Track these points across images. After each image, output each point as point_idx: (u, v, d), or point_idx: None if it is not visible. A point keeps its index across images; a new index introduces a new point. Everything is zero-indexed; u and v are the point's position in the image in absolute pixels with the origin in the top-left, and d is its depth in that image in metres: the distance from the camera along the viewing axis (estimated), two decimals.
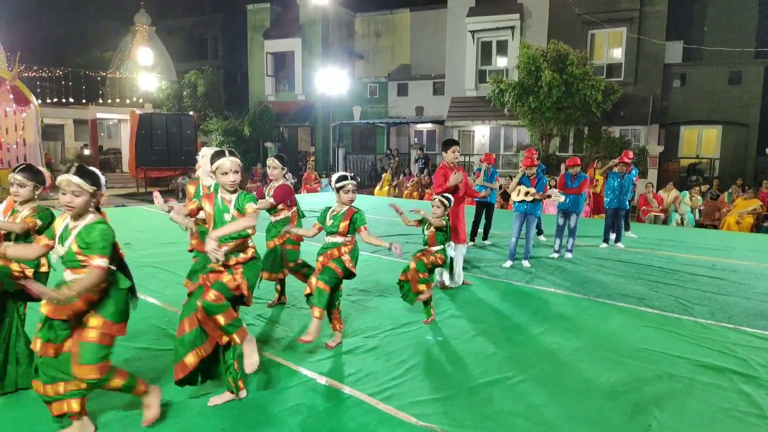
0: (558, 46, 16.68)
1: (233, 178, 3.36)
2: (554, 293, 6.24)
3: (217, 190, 3.48)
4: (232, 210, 3.36)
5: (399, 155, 22.94)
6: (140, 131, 20.65)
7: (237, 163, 3.36)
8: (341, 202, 4.32)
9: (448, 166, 6.13)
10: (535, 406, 3.51)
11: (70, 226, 2.88)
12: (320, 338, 4.68)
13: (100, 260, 2.78)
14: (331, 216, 4.29)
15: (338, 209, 4.30)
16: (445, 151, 6.12)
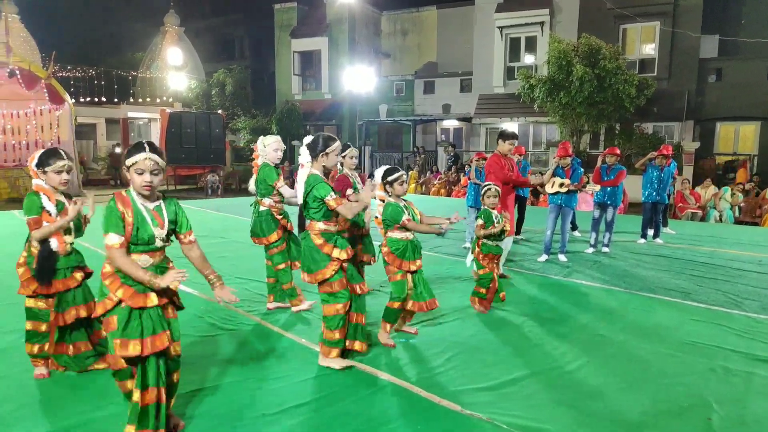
0: (590, 40, 16.34)
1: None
2: (594, 287, 6.06)
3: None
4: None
5: (425, 153, 22.78)
6: (170, 130, 20.89)
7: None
8: (397, 196, 4.13)
9: (502, 156, 6.01)
10: (583, 397, 3.36)
11: (149, 207, 2.70)
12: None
13: (193, 235, 2.87)
14: (410, 211, 4.11)
15: (399, 202, 4.12)
16: (502, 141, 6.01)
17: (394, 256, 4.06)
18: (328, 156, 3.69)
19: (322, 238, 3.64)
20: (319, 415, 3.09)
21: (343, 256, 3.64)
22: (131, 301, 2.61)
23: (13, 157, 17.07)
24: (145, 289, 2.64)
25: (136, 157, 2.62)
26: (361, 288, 3.78)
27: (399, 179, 4.10)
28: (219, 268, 6.26)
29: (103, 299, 2.64)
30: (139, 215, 2.65)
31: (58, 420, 2.98)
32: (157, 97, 25.20)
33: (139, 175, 2.63)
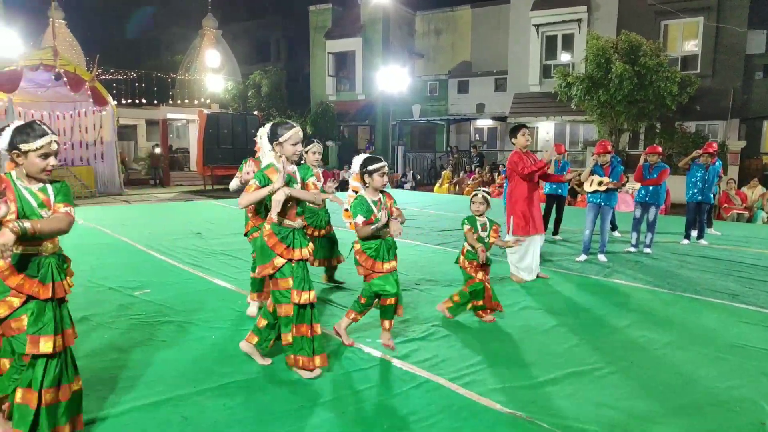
0: (630, 37, 15.93)
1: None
2: (636, 287, 5.88)
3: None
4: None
5: (459, 152, 22.65)
6: (207, 130, 21.32)
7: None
8: (375, 189, 3.80)
9: (522, 151, 5.87)
10: (628, 399, 3.26)
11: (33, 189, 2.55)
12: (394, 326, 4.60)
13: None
14: (379, 208, 3.80)
15: (374, 197, 3.82)
16: (514, 136, 5.85)
17: (365, 256, 3.76)
18: (282, 146, 3.37)
19: (271, 230, 3.37)
20: (357, 409, 3.08)
21: (287, 255, 3.32)
22: (37, 294, 2.47)
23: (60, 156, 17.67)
24: (50, 279, 2.52)
25: (42, 140, 2.48)
26: (299, 295, 3.34)
27: (380, 170, 3.75)
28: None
29: (5, 297, 2.46)
30: (23, 199, 2.50)
31: None
32: (195, 98, 25.76)
33: (44, 158, 2.50)
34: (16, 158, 2.49)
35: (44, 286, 2.49)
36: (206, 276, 6.05)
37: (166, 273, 6.23)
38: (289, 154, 3.38)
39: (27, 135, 2.47)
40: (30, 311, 2.47)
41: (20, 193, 2.49)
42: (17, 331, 2.46)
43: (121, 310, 4.73)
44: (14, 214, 2.43)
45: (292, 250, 3.34)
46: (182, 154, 26.41)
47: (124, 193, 17.74)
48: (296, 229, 3.41)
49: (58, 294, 2.54)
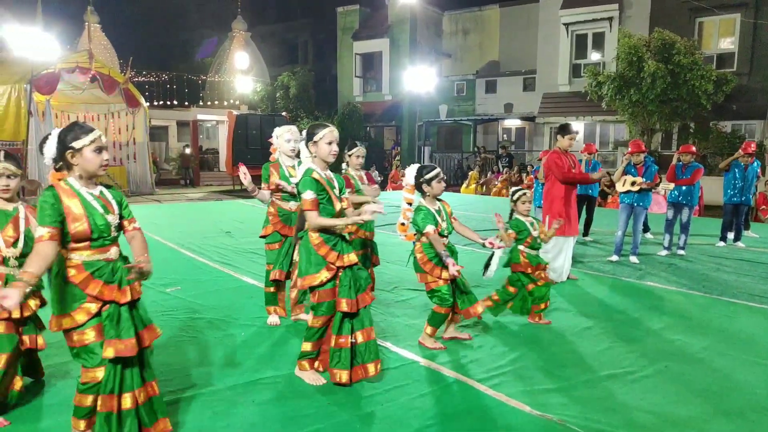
0: (663, 35, 15.57)
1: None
2: (669, 290, 5.74)
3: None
4: None
5: (486, 153, 22.47)
6: (236, 131, 21.59)
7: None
8: (434, 196, 3.87)
9: (562, 152, 5.80)
10: (664, 404, 3.17)
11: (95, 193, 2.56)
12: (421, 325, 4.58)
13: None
14: (442, 218, 3.84)
15: (434, 206, 3.85)
16: (562, 136, 5.77)
17: (432, 264, 3.77)
18: (317, 145, 3.28)
19: (321, 238, 3.24)
20: (384, 409, 3.07)
21: (339, 262, 3.22)
22: (113, 298, 2.45)
23: None
24: (121, 284, 2.49)
25: (93, 135, 2.47)
26: (362, 300, 3.26)
27: (437, 177, 3.83)
28: None
29: (80, 305, 2.42)
30: (88, 206, 2.45)
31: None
32: (224, 100, 26.14)
33: (98, 153, 2.47)
34: (71, 159, 2.44)
35: (122, 291, 2.46)
36: (236, 274, 6.12)
37: (197, 271, 6.33)
38: (325, 154, 3.27)
39: (76, 133, 2.44)
40: (105, 317, 2.44)
41: (85, 200, 2.44)
42: (78, 343, 2.42)
43: (153, 306, 4.80)
44: (85, 220, 2.40)
45: (342, 257, 3.24)
46: (212, 155, 26.81)
47: (155, 192, 18.09)
48: (342, 236, 3.35)
49: (133, 296, 2.52)
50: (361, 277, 3.31)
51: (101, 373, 2.42)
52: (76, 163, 2.45)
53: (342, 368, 3.19)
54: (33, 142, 13.82)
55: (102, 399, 2.43)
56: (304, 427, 2.84)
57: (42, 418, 2.90)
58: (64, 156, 2.45)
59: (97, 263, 2.45)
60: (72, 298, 2.41)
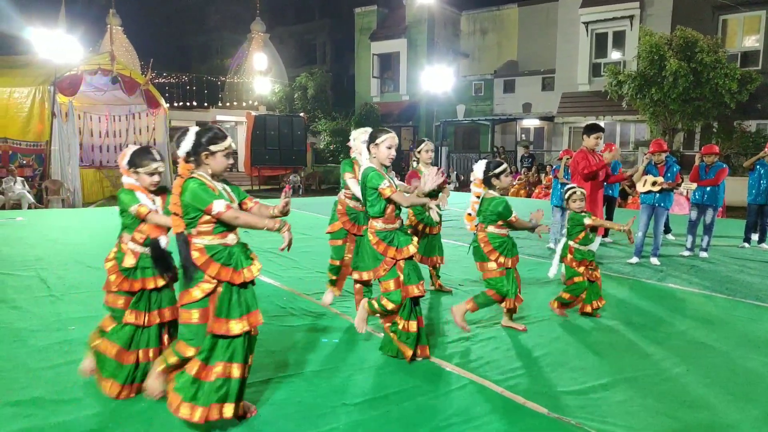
0: (685, 33, 15.31)
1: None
2: (691, 292, 5.63)
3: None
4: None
5: (504, 153, 22.31)
6: (255, 132, 21.78)
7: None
8: (504, 189, 4.12)
9: (589, 151, 5.74)
10: (685, 407, 3.10)
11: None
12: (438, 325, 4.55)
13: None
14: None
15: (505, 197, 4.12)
16: (588, 135, 5.74)
17: (497, 253, 4.01)
18: (378, 147, 3.55)
19: (377, 237, 3.57)
20: (400, 408, 3.05)
21: (399, 255, 3.54)
22: (233, 280, 2.68)
23: (115, 157, 18.39)
24: (240, 266, 2.72)
25: (225, 142, 2.79)
26: (419, 289, 3.57)
27: (506, 171, 4.05)
28: (301, 261, 6.42)
29: (198, 283, 2.68)
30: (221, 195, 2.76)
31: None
32: (243, 101, 26.35)
33: (226, 157, 2.79)
34: (204, 159, 2.73)
35: (237, 273, 2.69)
36: None
37: None
38: (383, 157, 3.55)
39: (215, 137, 2.75)
40: (220, 296, 2.68)
41: (219, 191, 2.75)
42: (186, 320, 2.71)
43: None
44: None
45: (400, 250, 3.54)
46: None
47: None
48: (397, 230, 3.61)
49: (246, 278, 2.72)
50: (419, 268, 3.68)
51: (192, 352, 2.69)
52: (207, 162, 2.75)
53: (409, 346, 3.57)
54: (56, 142, 14.08)
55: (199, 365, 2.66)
56: (320, 426, 2.83)
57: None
58: (199, 154, 2.73)
59: (217, 248, 2.71)
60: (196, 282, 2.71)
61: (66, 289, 5.34)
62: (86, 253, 7.04)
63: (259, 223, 2.70)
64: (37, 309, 4.69)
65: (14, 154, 14.19)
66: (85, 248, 7.37)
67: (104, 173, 16.86)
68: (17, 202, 13.22)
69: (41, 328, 4.19)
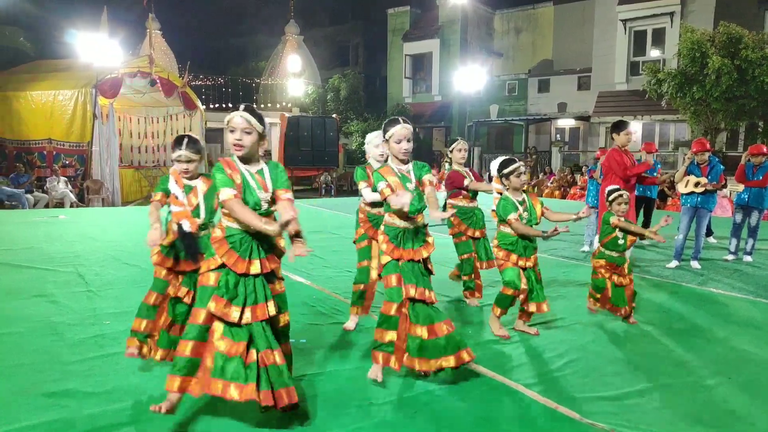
0: (729, 29, 14.76)
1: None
2: (735, 297, 5.40)
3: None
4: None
5: (537, 153, 21.97)
6: (288, 133, 21.99)
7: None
8: (515, 189, 3.96)
9: (621, 150, 5.56)
10: (726, 417, 2.96)
11: (252, 171, 2.77)
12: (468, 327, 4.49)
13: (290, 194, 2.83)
14: (525, 208, 3.93)
15: (517, 197, 3.96)
16: (617, 133, 5.54)
17: (505, 251, 3.98)
18: (389, 144, 3.32)
19: (384, 231, 3.37)
20: (428, 410, 3.00)
21: (396, 254, 3.25)
22: (235, 267, 2.67)
23: (153, 158, 18.84)
24: (250, 257, 2.70)
25: (231, 114, 2.70)
26: (415, 290, 3.21)
27: (515, 171, 3.92)
28: (331, 260, 6.43)
29: (209, 258, 2.75)
30: (244, 179, 2.71)
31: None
32: (277, 102, 26.66)
33: (231, 132, 2.69)
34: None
35: (242, 261, 2.69)
36: (285, 272, 6.17)
37: None
38: (395, 152, 3.28)
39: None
40: (224, 281, 2.68)
41: (243, 175, 2.73)
42: (203, 283, 2.73)
43: None
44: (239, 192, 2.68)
45: (400, 250, 3.25)
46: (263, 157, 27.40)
47: None
48: (409, 229, 3.30)
49: (252, 270, 2.70)
50: (423, 274, 3.30)
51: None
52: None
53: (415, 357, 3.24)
54: (97, 143, 14.51)
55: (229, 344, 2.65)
56: (346, 425, 2.81)
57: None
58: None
59: (234, 231, 2.72)
60: (210, 256, 2.75)
61: (102, 285, 5.48)
62: (122, 250, 7.22)
63: (253, 222, 2.61)
64: (75, 304, 4.81)
65: (58, 155, 14.70)
66: (121, 246, 7.55)
67: (142, 173, 17.29)
68: (60, 201, 13.68)
69: (77, 323, 4.30)
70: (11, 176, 13.71)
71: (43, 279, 5.68)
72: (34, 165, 14.74)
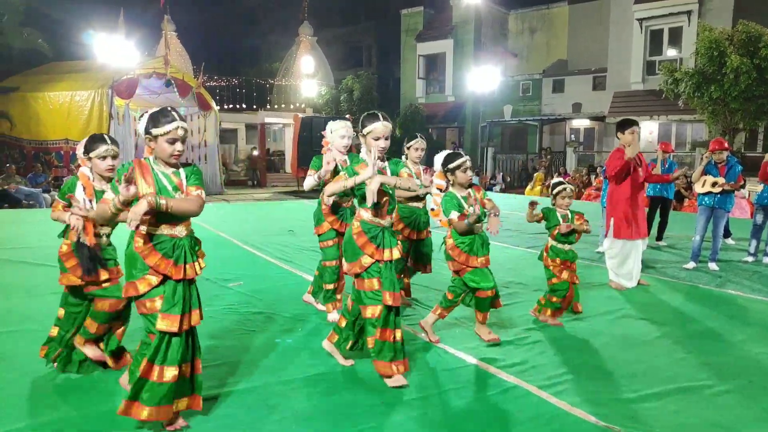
0: (748, 27, 14.53)
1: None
2: (754, 299, 5.30)
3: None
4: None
5: (552, 154, 21.81)
6: (302, 134, 22.03)
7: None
8: (460, 185, 3.79)
9: (625, 149, 5.46)
10: (746, 422, 2.90)
11: (167, 172, 2.66)
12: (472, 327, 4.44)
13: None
14: (470, 203, 3.76)
15: (462, 192, 3.81)
16: (622, 132, 5.43)
17: (459, 251, 3.72)
18: (366, 139, 3.26)
19: (360, 227, 3.23)
20: (440, 411, 2.97)
21: (377, 255, 3.17)
22: (171, 272, 2.56)
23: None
24: (185, 261, 2.61)
25: (169, 126, 2.56)
26: (392, 297, 3.16)
27: (461, 166, 3.71)
28: None
29: (144, 275, 2.56)
30: (159, 182, 2.60)
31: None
32: (291, 103, 26.76)
33: (171, 144, 2.57)
34: (148, 142, 2.61)
35: (177, 267, 2.58)
36: (297, 271, 6.20)
37: (259, 267, 6.46)
38: (372, 147, 3.21)
39: (157, 120, 2.57)
40: (164, 291, 2.58)
41: (156, 176, 2.61)
42: (149, 310, 2.57)
43: (215, 300, 4.93)
44: (152, 195, 2.51)
45: (382, 251, 3.18)
46: (278, 157, 27.50)
47: (224, 192, 18.76)
48: (386, 228, 3.25)
49: (188, 275, 2.62)
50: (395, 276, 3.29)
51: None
52: (152, 147, 2.62)
53: (384, 360, 3.18)
54: None
55: (147, 366, 2.55)
56: (356, 425, 2.79)
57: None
58: (145, 139, 2.65)
59: (162, 237, 2.59)
60: (138, 267, 2.57)
61: None
62: None
63: (103, 214, 2.61)
64: None
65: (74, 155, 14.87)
66: None
67: None
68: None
69: None
70: (29, 176, 13.91)
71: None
72: (51, 165, 14.96)
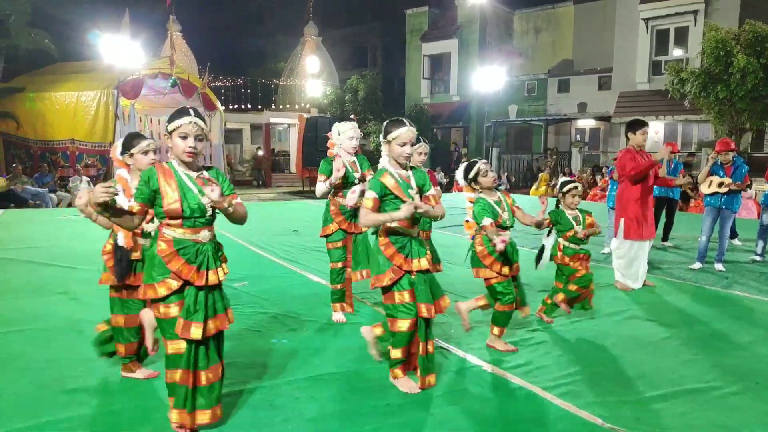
0: (755, 27, 14.45)
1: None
2: (761, 300, 5.27)
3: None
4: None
5: (557, 154, 21.76)
6: (307, 134, 22.06)
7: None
8: (487, 189, 3.85)
9: (635, 150, 5.45)
10: (753, 424, 2.88)
11: (192, 176, 2.61)
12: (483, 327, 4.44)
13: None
14: (503, 208, 3.83)
15: (492, 197, 3.86)
16: (633, 132, 5.41)
17: (492, 258, 3.68)
18: (390, 145, 3.10)
19: (387, 238, 3.10)
20: (446, 412, 2.97)
21: (406, 266, 3.05)
22: (193, 279, 2.54)
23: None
24: (207, 268, 2.58)
25: (180, 120, 2.52)
26: (426, 309, 3.07)
27: (481, 172, 3.77)
28: None
29: (165, 278, 2.52)
30: (183, 185, 2.55)
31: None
32: (295, 103, 26.80)
33: (183, 139, 2.53)
34: (167, 141, 2.59)
35: (199, 273, 2.55)
36: (302, 271, 6.21)
37: (264, 267, 6.48)
38: (396, 155, 3.09)
39: (173, 117, 2.58)
40: (182, 298, 2.55)
41: (180, 180, 2.56)
42: (164, 316, 2.54)
43: None
44: (177, 201, 2.50)
45: (410, 261, 3.06)
46: (283, 157, 27.55)
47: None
48: (413, 238, 3.14)
49: (211, 281, 2.59)
50: (437, 284, 3.25)
51: (184, 344, 2.53)
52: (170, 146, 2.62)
53: (426, 374, 3.15)
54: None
55: (181, 372, 2.53)
56: (362, 425, 2.79)
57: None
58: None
59: (185, 242, 2.55)
60: (158, 270, 2.53)
61: None
62: None
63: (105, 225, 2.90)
64: (97, 301, 4.85)
65: (80, 155, 14.97)
66: None
67: None
68: None
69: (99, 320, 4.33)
70: (35, 176, 13.99)
71: (67, 277, 5.77)
72: (57, 165, 15.04)
